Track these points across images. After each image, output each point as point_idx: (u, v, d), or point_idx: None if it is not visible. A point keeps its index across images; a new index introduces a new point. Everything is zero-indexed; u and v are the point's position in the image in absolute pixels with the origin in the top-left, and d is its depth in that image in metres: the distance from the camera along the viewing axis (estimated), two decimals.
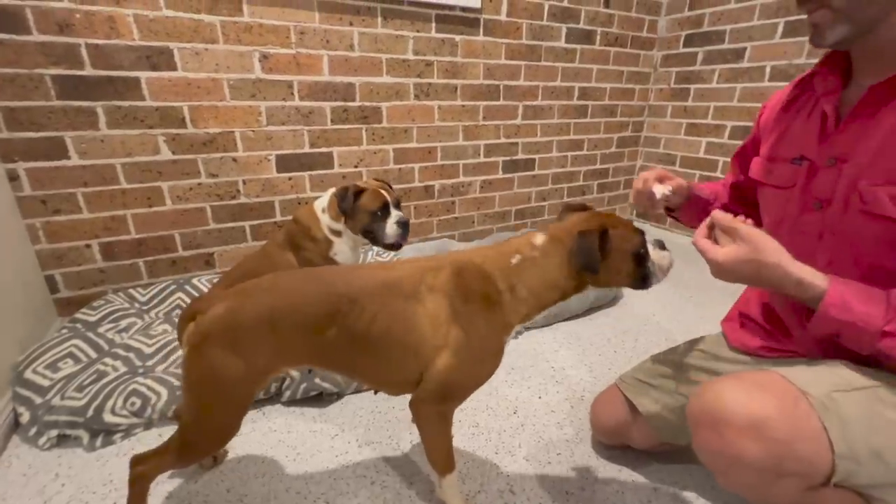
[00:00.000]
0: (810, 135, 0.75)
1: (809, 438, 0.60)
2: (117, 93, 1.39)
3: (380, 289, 0.74)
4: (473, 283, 0.74)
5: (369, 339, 0.73)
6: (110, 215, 1.49)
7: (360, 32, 1.68)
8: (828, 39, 0.65)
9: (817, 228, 0.73)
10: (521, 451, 1.06)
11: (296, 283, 0.75)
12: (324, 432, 1.11)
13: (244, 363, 0.71)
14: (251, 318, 0.71)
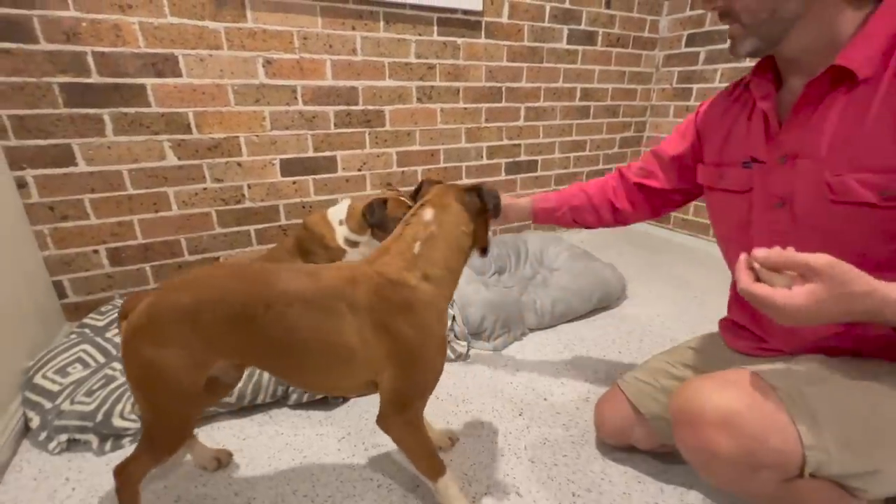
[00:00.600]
0: (756, 137, 0.77)
1: (779, 431, 0.62)
2: (123, 100, 1.41)
3: (299, 298, 0.72)
4: (391, 294, 0.73)
5: (288, 346, 0.73)
6: (117, 221, 1.50)
7: (363, 37, 1.69)
8: (740, 51, 0.70)
9: (785, 226, 0.74)
10: (526, 453, 1.06)
11: (219, 279, 0.74)
12: (330, 435, 1.12)
13: (174, 354, 0.71)
14: (171, 311, 0.71)
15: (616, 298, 1.82)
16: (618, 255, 2.31)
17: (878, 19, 0.61)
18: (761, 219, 0.77)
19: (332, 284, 0.74)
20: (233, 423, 1.15)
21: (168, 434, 0.79)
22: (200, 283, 0.74)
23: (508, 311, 1.55)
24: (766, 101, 0.74)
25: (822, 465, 0.62)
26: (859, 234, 0.66)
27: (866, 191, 0.62)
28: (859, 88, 0.62)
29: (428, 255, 0.76)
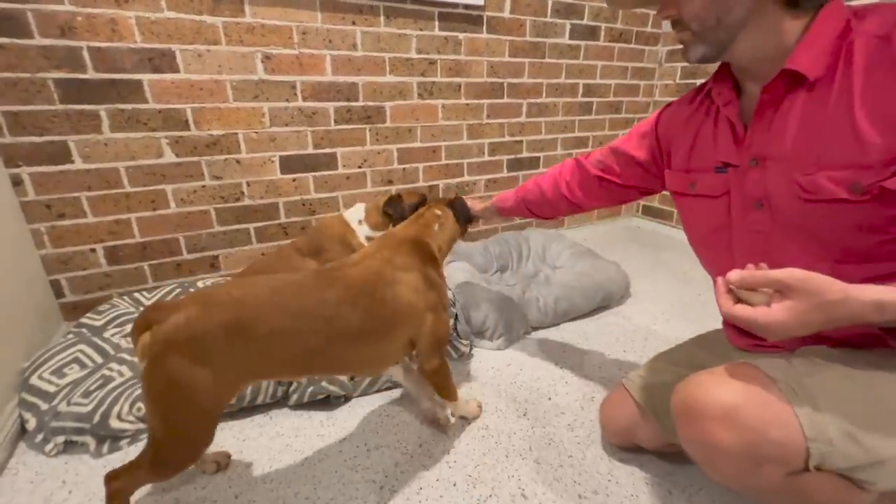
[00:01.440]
0: (725, 142, 0.77)
1: (780, 424, 0.61)
2: (120, 96, 1.38)
3: (367, 284, 0.86)
4: (426, 251, 0.98)
5: (365, 332, 0.83)
6: (115, 219, 1.48)
7: (363, 32, 1.67)
8: (691, 57, 0.72)
9: (765, 226, 0.74)
10: (531, 454, 1.04)
11: (273, 294, 0.76)
12: (332, 436, 1.10)
13: (211, 374, 0.69)
14: (217, 328, 0.69)
15: (620, 297, 1.80)
16: (621, 252, 2.29)
17: (818, 25, 0.64)
18: (741, 221, 0.77)
19: (376, 263, 0.90)
20: (232, 425, 1.13)
21: (180, 455, 0.76)
22: (247, 297, 0.74)
23: (511, 309, 1.53)
24: (729, 108, 0.75)
25: (825, 458, 0.60)
26: (838, 231, 0.66)
27: (837, 187, 0.62)
28: (815, 89, 0.64)
29: (441, 235, 1.06)
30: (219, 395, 0.73)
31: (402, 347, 0.93)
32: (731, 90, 0.76)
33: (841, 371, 0.66)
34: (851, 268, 0.67)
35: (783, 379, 0.64)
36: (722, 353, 0.91)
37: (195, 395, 0.70)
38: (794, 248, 0.71)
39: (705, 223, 0.86)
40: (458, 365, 1.39)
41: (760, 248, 0.75)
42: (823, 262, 0.68)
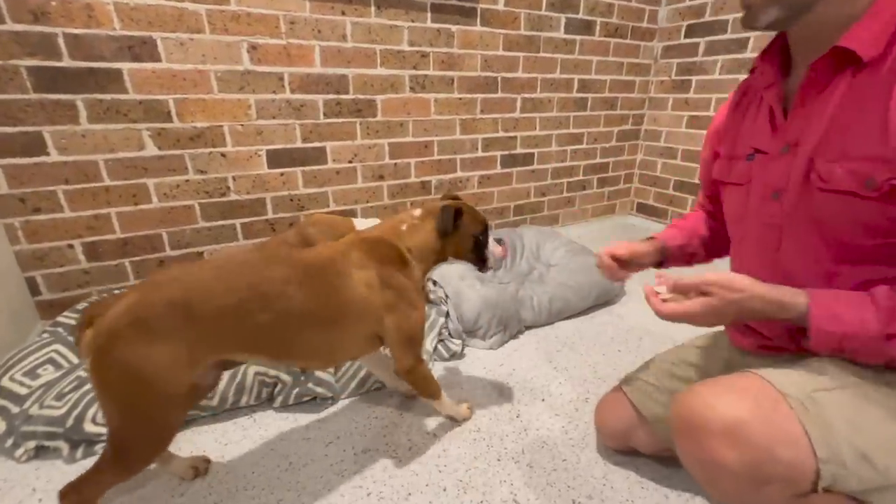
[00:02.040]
0: (762, 129, 0.75)
1: (789, 442, 0.57)
2: (98, 85, 1.33)
3: (316, 268, 0.84)
4: (386, 251, 0.93)
5: (311, 315, 0.81)
6: (93, 214, 1.43)
7: (353, 22, 1.62)
8: (761, 21, 0.64)
9: (778, 218, 0.71)
10: (524, 458, 1.01)
11: (214, 271, 0.75)
12: (318, 440, 1.06)
13: (165, 351, 0.68)
14: (159, 307, 0.68)
15: (615, 295, 1.77)
16: None
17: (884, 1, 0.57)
18: (757, 212, 0.75)
19: (335, 252, 0.89)
20: (214, 427, 1.09)
21: (145, 445, 0.73)
22: (189, 276, 0.73)
23: (504, 308, 1.50)
24: (770, 90, 0.72)
25: (837, 480, 0.57)
26: (845, 226, 0.63)
27: (851, 179, 0.60)
28: (862, 72, 0.59)
29: (410, 237, 0.97)
30: (175, 373, 0.71)
31: (363, 342, 0.92)
32: (776, 71, 0.71)
33: (856, 385, 0.62)
34: (849, 268, 0.65)
35: (793, 394, 0.60)
36: (723, 356, 0.89)
37: (150, 376, 0.68)
38: (797, 245, 0.69)
39: (731, 213, 0.84)
40: (449, 365, 1.36)
41: (769, 242, 0.73)
42: (823, 261, 0.67)
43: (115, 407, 0.69)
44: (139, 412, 0.70)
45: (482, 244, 1.04)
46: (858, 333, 0.58)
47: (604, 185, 2.65)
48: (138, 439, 0.72)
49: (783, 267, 0.72)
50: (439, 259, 1.02)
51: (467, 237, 1.02)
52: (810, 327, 0.61)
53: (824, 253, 0.66)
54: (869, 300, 0.59)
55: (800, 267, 0.70)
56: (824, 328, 0.60)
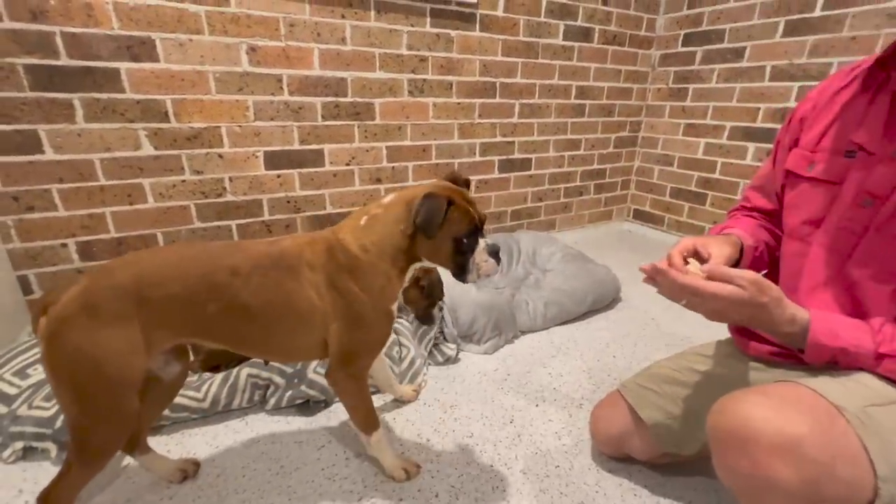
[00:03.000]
0: (873, 124, 0.68)
1: (849, 459, 0.54)
2: (96, 84, 1.32)
3: (263, 261, 0.77)
4: (338, 254, 0.80)
5: (255, 310, 0.76)
6: (88, 213, 1.42)
7: (353, 25, 1.63)
8: None
9: (863, 225, 0.67)
10: (517, 464, 1.00)
11: (167, 256, 0.75)
12: (310, 443, 1.05)
13: (115, 335, 0.67)
14: (108, 291, 0.68)
15: (610, 300, 1.77)
16: (612, 256, 2.26)
17: None
18: (840, 216, 0.70)
19: (292, 246, 0.81)
20: (206, 430, 1.08)
21: (104, 433, 0.72)
22: (141, 261, 0.73)
23: (500, 312, 1.49)
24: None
25: (894, 500, 0.54)
26: None
27: None
28: None
29: (368, 232, 0.81)
30: (127, 358, 0.70)
31: (318, 348, 0.84)
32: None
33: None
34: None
35: (850, 407, 0.57)
36: (730, 364, 0.87)
37: (101, 361, 0.68)
38: (873, 257, 0.66)
39: (805, 211, 0.77)
40: (444, 370, 1.35)
41: (842, 249, 0.69)
42: (892, 279, 0.64)
43: (68, 395, 0.69)
44: (93, 399, 0.69)
45: (466, 250, 0.80)
46: (851, 351, 0.61)
47: (601, 192, 2.66)
48: (95, 427, 0.71)
49: (848, 276, 0.69)
50: (410, 260, 0.83)
51: (446, 239, 0.79)
52: (808, 339, 0.62)
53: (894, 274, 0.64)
54: (866, 325, 0.62)
55: (867, 278, 0.67)
56: (821, 342, 0.62)
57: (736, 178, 2.21)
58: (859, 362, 0.62)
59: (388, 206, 0.82)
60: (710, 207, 2.35)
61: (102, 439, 0.72)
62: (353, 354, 0.84)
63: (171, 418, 1.07)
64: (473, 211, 0.81)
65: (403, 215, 0.79)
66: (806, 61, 1.88)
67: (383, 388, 1.17)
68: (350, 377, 0.86)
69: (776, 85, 1.99)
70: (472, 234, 0.80)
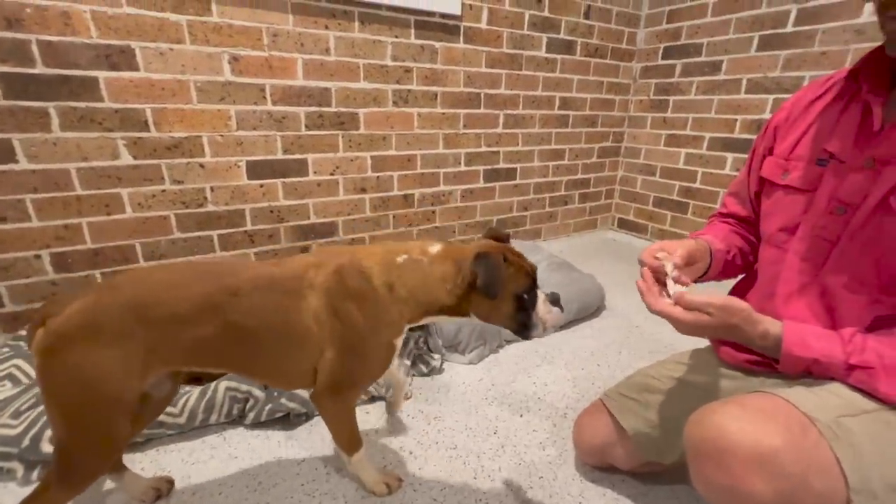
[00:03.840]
0: (845, 134, 0.69)
1: (822, 471, 0.54)
2: (72, 93, 1.30)
3: (264, 283, 0.75)
4: (350, 280, 0.77)
5: (252, 333, 0.74)
6: (63, 223, 1.39)
7: (337, 36, 1.63)
8: None
9: (836, 234, 0.68)
10: (501, 475, 0.99)
11: (172, 276, 0.73)
12: (290, 458, 1.03)
13: (114, 356, 0.65)
14: (113, 310, 0.66)
15: (595, 309, 1.78)
16: (597, 265, 2.28)
17: None
18: (814, 224, 0.71)
19: (296, 268, 0.78)
20: (181, 446, 1.05)
21: (90, 457, 0.70)
22: (150, 282, 0.71)
23: None
24: (877, 97, 0.66)
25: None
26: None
27: None
28: None
29: (402, 273, 0.78)
30: (124, 380, 0.68)
31: (306, 374, 0.81)
32: (888, 77, 0.66)
33: (877, 412, 0.60)
34: (888, 299, 0.64)
35: (822, 419, 0.57)
36: (708, 372, 0.87)
37: (97, 381, 0.66)
38: (847, 265, 0.67)
39: (780, 218, 0.78)
40: (427, 381, 1.34)
41: (816, 257, 0.70)
42: (869, 286, 0.65)
43: (60, 413, 0.67)
44: (85, 420, 0.67)
45: (528, 306, 0.77)
46: (822, 361, 0.62)
47: (585, 201, 2.69)
48: (83, 450, 0.69)
49: (822, 284, 0.70)
50: (448, 314, 0.81)
51: (508, 298, 0.76)
52: (782, 350, 0.63)
53: (873, 279, 0.65)
54: (837, 335, 0.63)
55: (840, 287, 0.68)
56: (794, 353, 0.63)
57: (716, 188, 2.25)
58: (831, 372, 0.63)
59: (435, 258, 0.79)
60: (691, 216, 2.39)
61: (89, 462, 0.70)
62: (346, 383, 0.81)
63: (146, 434, 1.04)
64: (526, 264, 0.80)
65: (451, 274, 0.77)
66: (779, 75, 1.94)
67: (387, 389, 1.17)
68: (338, 404, 0.83)
69: (752, 97, 2.05)
70: (531, 289, 0.78)
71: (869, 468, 0.54)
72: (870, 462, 0.55)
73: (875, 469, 0.54)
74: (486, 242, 0.84)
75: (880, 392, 0.59)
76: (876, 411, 0.60)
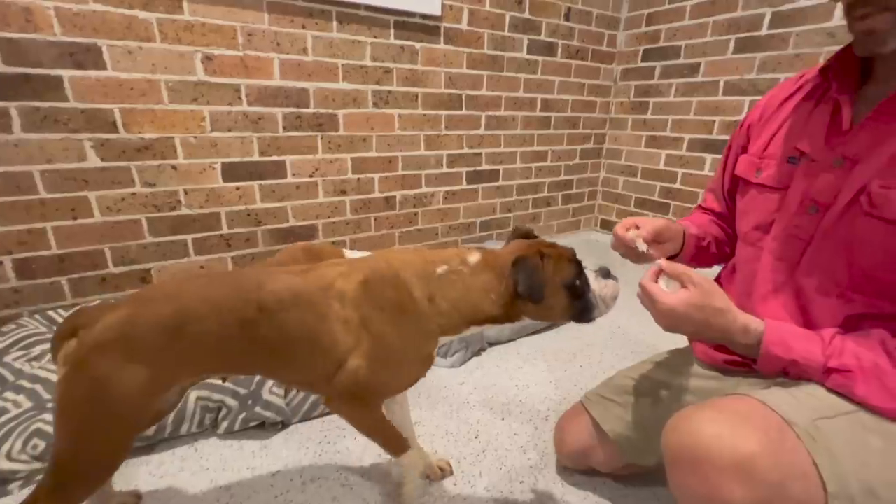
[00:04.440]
0: (815, 132, 0.69)
1: (800, 476, 0.53)
2: (35, 92, 1.25)
3: (290, 295, 0.71)
4: (385, 290, 0.72)
5: (278, 345, 0.71)
6: (26, 228, 1.33)
7: (314, 36, 1.61)
8: (891, 45, 0.58)
9: (808, 233, 0.68)
10: (481, 481, 0.98)
11: (205, 290, 0.70)
12: (263, 468, 0.99)
13: (138, 372, 0.63)
14: (151, 325, 0.64)
15: None
16: None
17: None
18: (787, 223, 0.71)
19: (322, 277, 0.74)
20: (150, 459, 1.01)
21: (92, 473, 0.68)
22: (183, 293, 0.69)
23: None
24: (845, 95, 0.66)
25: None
26: (876, 255, 0.61)
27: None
28: None
29: (443, 286, 0.74)
30: (145, 398, 0.67)
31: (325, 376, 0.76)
32: (856, 75, 0.66)
33: (853, 413, 0.59)
34: (861, 298, 0.64)
35: (799, 422, 0.56)
36: (686, 371, 0.87)
37: (122, 397, 0.63)
38: (820, 264, 0.67)
39: (754, 216, 0.78)
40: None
41: (790, 255, 0.70)
42: (842, 285, 0.65)
43: (70, 427, 0.64)
44: (96, 435, 0.65)
45: (582, 289, 0.75)
46: (800, 363, 0.61)
47: (568, 202, 2.70)
48: (85, 466, 0.66)
49: (797, 284, 0.70)
50: (497, 322, 0.78)
51: (557, 292, 0.73)
52: (761, 350, 0.62)
53: (845, 278, 0.64)
54: (818, 336, 0.62)
55: (815, 286, 0.67)
56: (773, 353, 0.62)
57: (695, 188, 2.28)
58: (808, 374, 0.62)
59: (475, 269, 0.75)
60: (672, 216, 2.41)
61: (87, 479, 0.68)
62: (371, 395, 0.76)
63: None
64: (564, 251, 0.77)
65: (493, 284, 0.74)
66: (756, 77, 1.97)
67: None
68: (358, 409, 0.78)
69: (729, 99, 2.08)
70: (579, 274, 0.75)
71: (846, 472, 0.53)
72: (847, 466, 0.54)
73: (852, 473, 0.54)
74: (519, 244, 0.80)
75: (857, 395, 0.59)
76: (853, 413, 0.59)
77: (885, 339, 0.60)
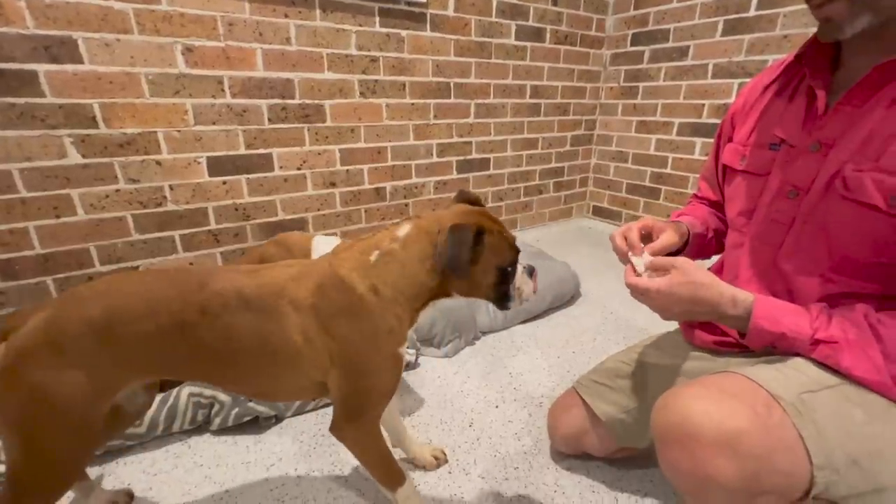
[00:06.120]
0: (793, 118, 0.71)
1: (786, 450, 0.54)
2: (10, 88, 1.22)
3: (235, 299, 0.66)
4: (333, 294, 0.68)
5: (226, 353, 0.67)
6: (7, 228, 1.30)
7: (297, 25, 1.57)
8: (847, 33, 0.59)
9: (789, 217, 0.69)
10: (476, 469, 0.98)
11: (139, 287, 0.66)
12: (258, 463, 0.99)
13: (75, 378, 0.61)
14: (76, 327, 0.61)
15: (570, 297, 1.79)
16: (572, 253, 2.29)
17: None
18: (768, 208, 0.72)
19: (272, 282, 0.69)
20: (142, 457, 1.00)
21: (47, 482, 0.65)
22: (114, 292, 0.65)
23: (459, 314, 1.47)
24: (818, 80, 0.67)
25: (829, 486, 0.55)
26: (854, 238, 0.62)
27: (877, 192, 0.58)
28: None
29: (380, 271, 0.69)
30: (93, 400, 0.64)
31: (307, 390, 0.75)
32: (828, 60, 0.67)
33: (837, 386, 0.60)
34: (844, 280, 0.64)
35: (786, 396, 0.57)
36: (677, 353, 0.88)
37: (60, 404, 0.61)
38: (801, 247, 0.68)
39: (739, 203, 0.79)
40: (403, 376, 1.31)
41: (772, 239, 0.72)
42: (822, 267, 0.66)
43: (16, 438, 0.62)
44: (43, 444, 0.62)
45: (508, 278, 0.73)
46: (789, 336, 0.62)
47: (560, 189, 2.70)
48: (40, 475, 0.64)
49: (779, 268, 0.71)
50: (436, 297, 0.74)
51: (489, 270, 0.71)
52: (750, 324, 0.63)
53: (825, 260, 0.65)
54: (805, 310, 0.63)
55: (797, 269, 0.69)
56: (762, 326, 0.63)
57: (686, 173, 2.28)
58: (796, 347, 0.63)
59: (407, 240, 0.70)
60: (663, 202, 2.42)
61: (46, 488, 0.65)
62: (359, 406, 0.73)
63: (104, 447, 0.98)
64: (508, 235, 0.74)
65: (429, 251, 0.69)
66: (744, 59, 1.96)
67: (392, 442, 0.97)
68: (360, 432, 0.75)
69: (718, 82, 2.07)
70: (514, 262, 0.74)
71: (831, 444, 0.54)
72: (832, 437, 0.55)
73: (836, 444, 0.55)
74: (462, 209, 0.75)
75: (843, 366, 0.60)
76: (837, 386, 0.60)
77: (868, 312, 0.61)
